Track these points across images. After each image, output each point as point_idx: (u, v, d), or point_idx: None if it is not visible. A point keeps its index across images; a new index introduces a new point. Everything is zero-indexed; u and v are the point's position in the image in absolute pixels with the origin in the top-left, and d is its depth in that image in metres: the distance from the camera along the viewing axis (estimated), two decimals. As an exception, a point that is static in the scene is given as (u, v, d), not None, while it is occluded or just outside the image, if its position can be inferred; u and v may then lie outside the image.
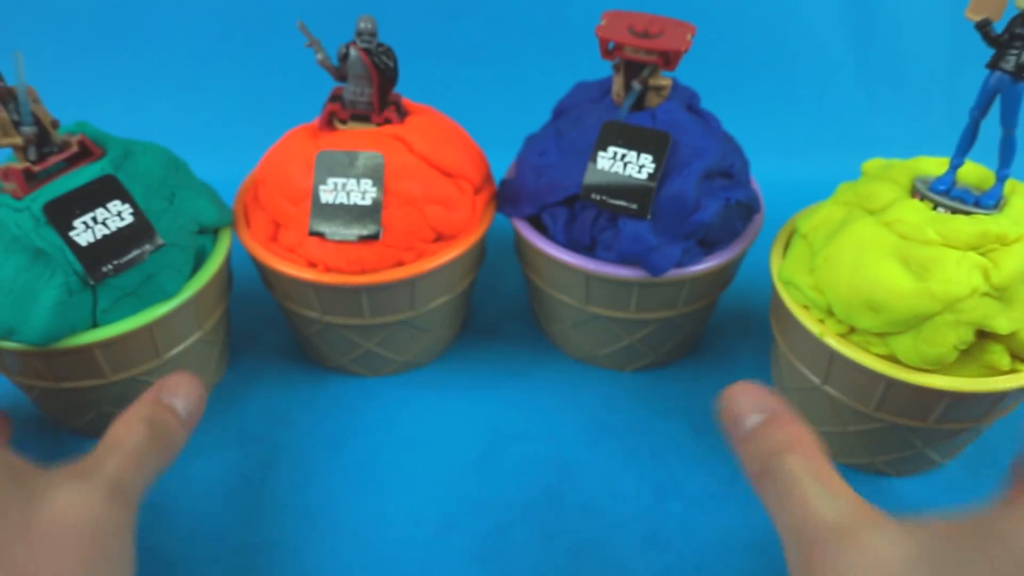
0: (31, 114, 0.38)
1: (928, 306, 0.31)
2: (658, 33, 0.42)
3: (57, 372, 0.40)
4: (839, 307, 0.34)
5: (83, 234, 0.38)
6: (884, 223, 0.34)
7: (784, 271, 0.38)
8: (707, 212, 0.42)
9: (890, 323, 0.32)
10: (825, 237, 0.36)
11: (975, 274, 0.31)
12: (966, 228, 0.32)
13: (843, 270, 0.34)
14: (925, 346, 0.32)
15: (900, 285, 0.32)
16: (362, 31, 0.43)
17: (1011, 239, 0.32)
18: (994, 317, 0.31)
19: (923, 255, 0.32)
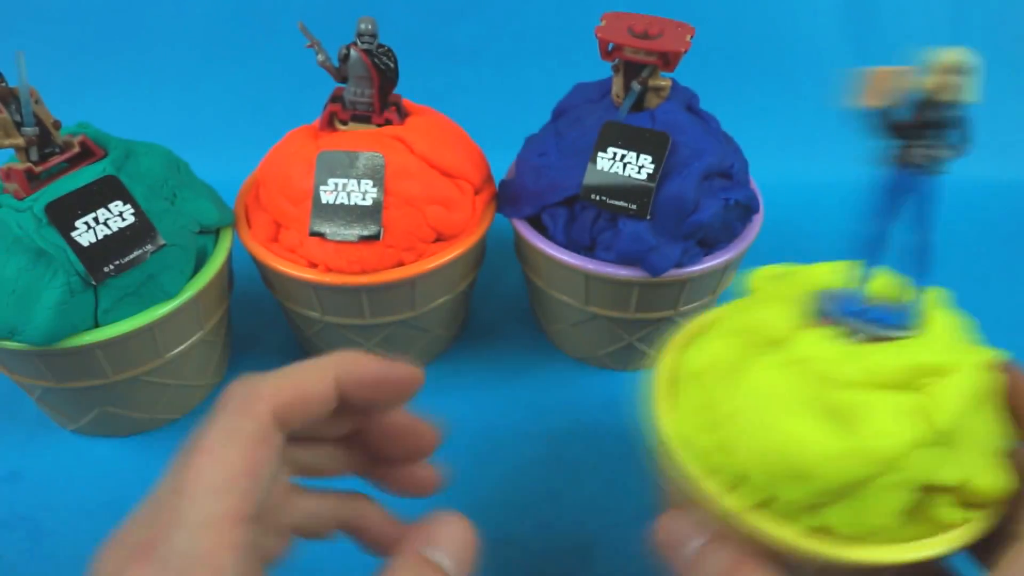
0: (33, 115, 0.38)
1: (862, 469, 0.24)
2: (658, 34, 0.42)
3: (59, 372, 0.40)
4: (757, 475, 0.26)
5: (85, 234, 0.38)
6: (792, 362, 0.27)
7: (679, 428, 0.29)
8: (706, 212, 0.42)
9: (819, 493, 0.25)
10: (722, 381, 0.28)
11: (913, 420, 0.25)
12: (894, 362, 0.25)
13: (751, 428, 0.26)
14: (864, 517, 0.25)
15: (825, 445, 0.24)
16: (363, 32, 0.43)
17: (947, 368, 0.26)
18: (940, 468, 0.25)
19: (846, 402, 0.25)
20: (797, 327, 0.28)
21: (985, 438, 0.27)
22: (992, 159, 0.71)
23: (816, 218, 0.65)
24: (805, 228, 0.64)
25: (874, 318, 0.27)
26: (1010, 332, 0.54)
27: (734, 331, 0.30)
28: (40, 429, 0.46)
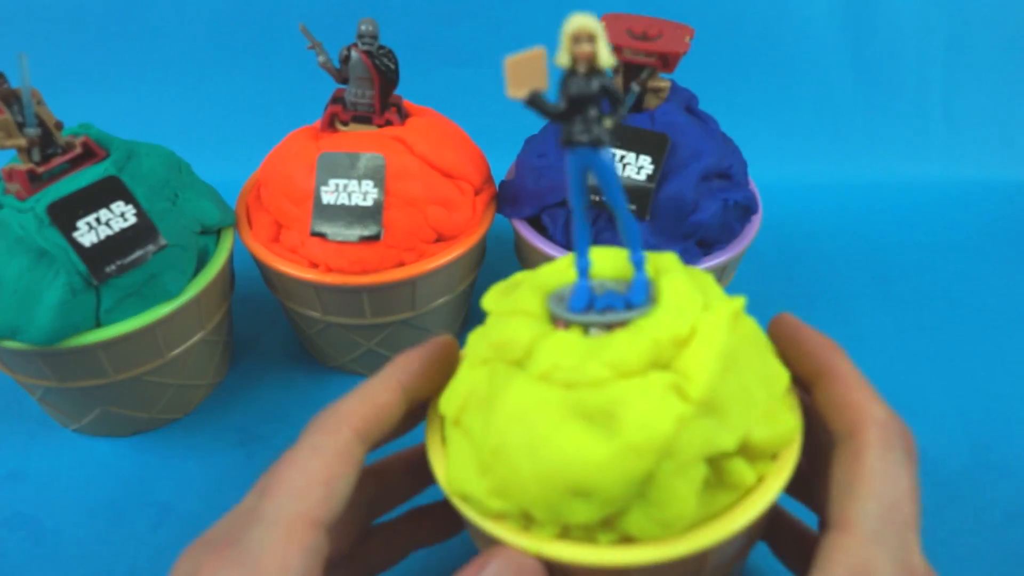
0: (35, 116, 0.38)
1: (640, 465, 0.23)
2: (657, 35, 0.43)
3: (60, 372, 0.40)
4: (537, 507, 0.24)
5: (87, 235, 0.38)
6: (539, 377, 0.25)
7: (452, 482, 0.27)
8: (705, 213, 0.42)
9: (606, 504, 0.23)
10: (480, 416, 0.26)
11: (670, 399, 0.23)
12: (633, 346, 0.24)
13: (520, 458, 0.24)
14: (659, 511, 0.24)
15: (593, 453, 0.23)
16: (363, 33, 0.43)
17: (685, 336, 0.24)
18: (716, 436, 0.24)
19: (600, 401, 0.23)
20: (537, 337, 0.26)
21: (752, 389, 0.25)
22: (992, 159, 0.72)
23: (815, 218, 0.65)
24: (804, 228, 0.64)
25: (602, 307, 0.26)
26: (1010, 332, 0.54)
27: (480, 360, 0.27)
28: (41, 428, 0.47)
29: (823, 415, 0.26)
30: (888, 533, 0.23)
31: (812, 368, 0.27)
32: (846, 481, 0.24)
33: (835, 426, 0.26)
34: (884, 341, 0.53)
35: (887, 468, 0.24)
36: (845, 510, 0.23)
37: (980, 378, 0.50)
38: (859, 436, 0.25)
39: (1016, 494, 0.43)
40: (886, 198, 0.68)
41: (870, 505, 0.23)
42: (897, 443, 0.25)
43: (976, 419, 0.47)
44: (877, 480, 0.23)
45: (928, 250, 0.62)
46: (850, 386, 0.26)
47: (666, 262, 0.28)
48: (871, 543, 0.23)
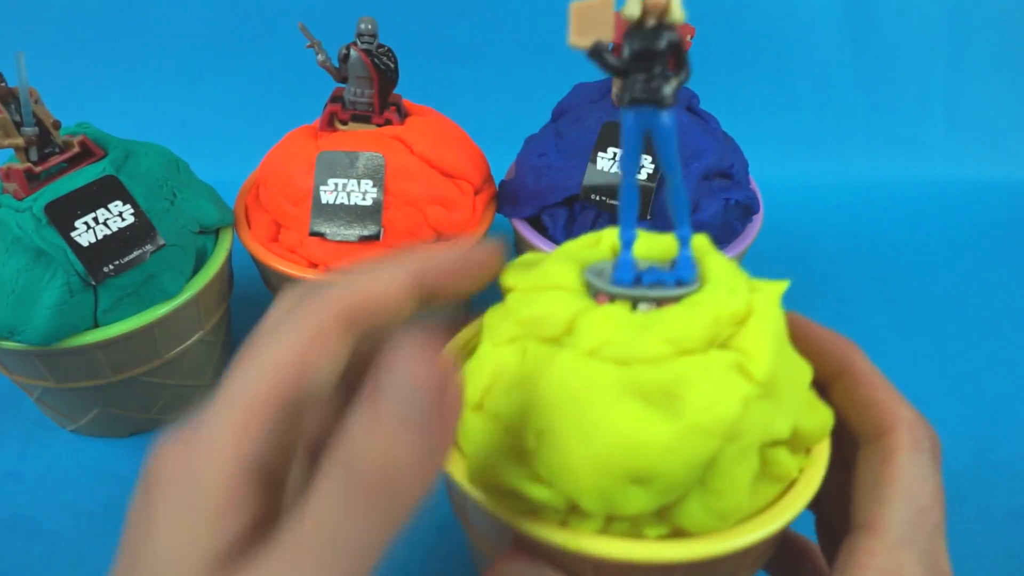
0: (32, 115, 0.38)
1: (706, 447, 0.21)
2: (657, 34, 0.42)
3: (58, 372, 0.40)
4: (588, 497, 0.22)
5: (84, 234, 0.38)
6: (587, 354, 0.22)
7: (481, 476, 0.24)
8: (706, 213, 0.42)
9: (667, 491, 0.22)
10: (514, 399, 0.23)
11: (735, 379, 0.22)
12: (691, 322, 0.23)
13: (570, 442, 0.22)
14: (719, 500, 0.22)
15: (657, 434, 0.21)
16: (363, 32, 0.43)
17: (744, 314, 0.23)
18: (773, 421, 0.23)
19: (661, 379, 0.22)
20: (579, 312, 0.24)
21: (796, 376, 0.25)
22: (993, 158, 0.72)
23: (816, 218, 0.65)
24: (805, 228, 0.64)
25: (651, 282, 0.24)
26: (1012, 332, 0.54)
27: (506, 339, 0.25)
28: (39, 429, 0.46)
29: (845, 414, 0.26)
30: (918, 537, 0.22)
31: (830, 367, 0.26)
32: (874, 483, 0.23)
33: (860, 426, 0.25)
34: (886, 341, 0.53)
35: (917, 471, 0.23)
36: (874, 512, 0.23)
37: (982, 378, 0.50)
38: (888, 437, 0.24)
39: (1019, 494, 0.43)
40: (888, 198, 0.68)
41: (900, 509, 0.23)
42: (926, 445, 0.24)
43: (978, 419, 0.47)
44: (907, 483, 0.23)
45: (930, 249, 0.62)
46: (874, 385, 0.25)
47: (703, 243, 0.26)
48: (901, 547, 0.22)
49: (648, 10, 0.21)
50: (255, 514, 0.18)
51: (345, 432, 0.18)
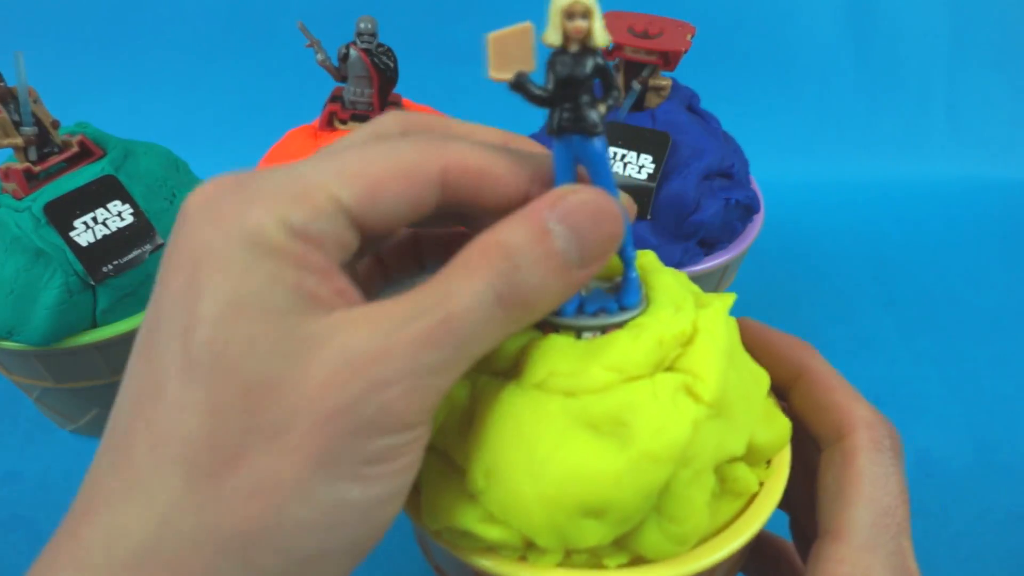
0: (32, 114, 0.38)
1: (658, 474, 0.21)
2: (658, 33, 0.42)
3: (57, 372, 0.40)
4: (542, 534, 0.21)
5: (83, 234, 0.38)
6: (533, 386, 0.22)
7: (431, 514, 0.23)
8: (707, 212, 0.42)
9: (621, 522, 0.21)
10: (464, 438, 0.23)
11: (684, 401, 0.22)
12: (636, 346, 0.22)
13: (520, 479, 0.21)
14: (676, 526, 0.22)
15: (607, 465, 0.21)
16: (362, 31, 0.43)
17: (689, 333, 0.23)
18: (726, 440, 0.22)
19: (609, 408, 0.21)
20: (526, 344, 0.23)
21: (748, 390, 0.24)
22: (995, 158, 0.71)
23: (817, 217, 0.65)
24: (806, 227, 0.64)
25: (594, 310, 0.23)
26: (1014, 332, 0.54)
27: None
28: (38, 430, 0.46)
29: (804, 419, 0.25)
30: (883, 539, 0.22)
31: (786, 371, 0.26)
32: (836, 487, 0.23)
33: (819, 429, 0.25)
34: (887, 341, 0.53)
35: (878, 471, 0.23)
36: (838, 517, 0.23)
37: (984, 378, 0.50)
38: (847, 439, 0.24)
39: (1020, 495, 0.43)
40: (888, 197, 0.68)
41: (863, 511, 0.22)
42: (886, 444, 0.24)
43: (980, 420, 0.47)
44: (868, 484, 0.23)
45: (931, 249, 0.62)
46: (831, 387, 0.25)
47: (649, 260, 0.26)
48: (867, 551, 0.22)
49: (570, 36, 0.20)
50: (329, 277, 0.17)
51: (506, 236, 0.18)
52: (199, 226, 0.17)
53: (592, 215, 0.19)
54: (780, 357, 0.26)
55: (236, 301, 0.16)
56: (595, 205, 0.19)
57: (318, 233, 0.17)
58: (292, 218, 0.17)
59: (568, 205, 0.19)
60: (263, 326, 0.16)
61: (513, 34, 0.20)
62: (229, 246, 0.17)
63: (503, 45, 0.20)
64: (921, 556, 0.23)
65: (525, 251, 0.18)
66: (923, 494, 0.42)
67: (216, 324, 0.16)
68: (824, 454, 0.24)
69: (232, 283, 0.16)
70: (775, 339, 0.27)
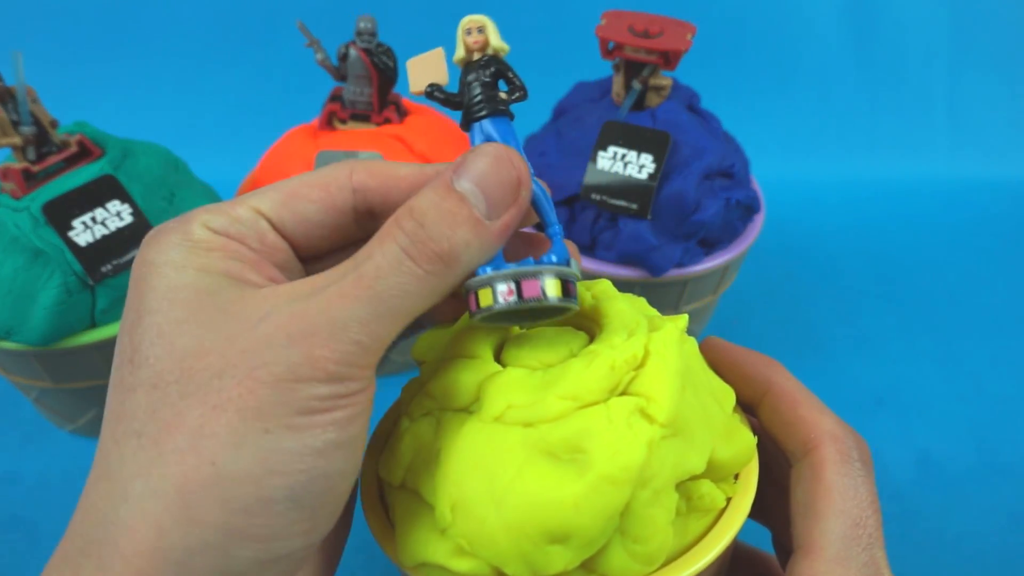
0: (30, 114, 0.38)
1: (617, 496, 0.21)
2: (658, 33, 0.42)
3: (56, 373, 0.40)
4: (510, 563, 0.22)
5: (82, 234, 0.38)
6: (492, 419, 0.23)
7: (406, 551, 0.24)
8: (707, 212, 0.42)
9: (586, 546, 0.22)
10: (431, 475, 0.24)
11: (638, 424, 0.22)
12: (591, 374, 0.23)
13: (484, 510, 0.22)
14: (640, 546, 0.22)
15: (566, 491, 0.21)
16: (362, 31, 0.43)
17: (640, 357, 0.23)
18: (685, 459, 0.23)
19: (564, 435, 0.22)
20: (485, 379, 0.24)
21: (708, 407, 0.24)
22: (996, 157, 0.71)
23: (817, 217, 0.65)
24: (806, 227, 0.64)
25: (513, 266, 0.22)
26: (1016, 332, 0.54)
27: (422, 413, 0.25)
28: (37, 430, 0.46)
29: (773, 434, 0.26)
30: (855, 551, 0.22)
31: (753, 388, 0.26)
32: (807, 502, 0.23)
33: (788, 444, 0.25)
34: (888, 341, 0.53)
35: (847, 483, 0.23)
36: (810, 532, 0.23)
37: (986, 379, 0.50)
38: (814, 453, 0.24)
39: (1022, 495, 0.43)
40: (890, 196, 0.68)
41: (834, 525, 0.22)
42: (853, 455, 0.24)
43: (982, 421, 0.47)
44: (838, 498, 0.23)
45: (933, 249, 0.62)
46: (797, 402, 0.25)
47: (603, 288, 0.26)
48: (839, 564, 0.22)
49: (470, 49, 0.24)
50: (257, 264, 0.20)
51: (415, 201, 0.20)
52: (143, 252, 0.20)
53: (493, 164, 0.21)
54: (746, 375, 0.27)
55: (171, 293, 0.19)
56: (494, 155, 0.21)
57: (239, 233, 0.20)
58: (214, 223, 0.20)
59: (469, 160, 0.20)
60: (195, 307, 0.19)
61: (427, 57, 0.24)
62: (164, 254, 0.19)
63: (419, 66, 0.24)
64: (922, 557, 0.23)
65: (430, 208, 0.19)
66: (924, 494, 0.42)
67: (154, 313, 0.19)
68: (794, 469, 0.25)
69: (167, 280, 0.19)
70: (741, 357, 0.27)
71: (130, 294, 0.20)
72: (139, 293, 0.19)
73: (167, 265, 0.19)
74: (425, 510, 0.24)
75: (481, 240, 0.20)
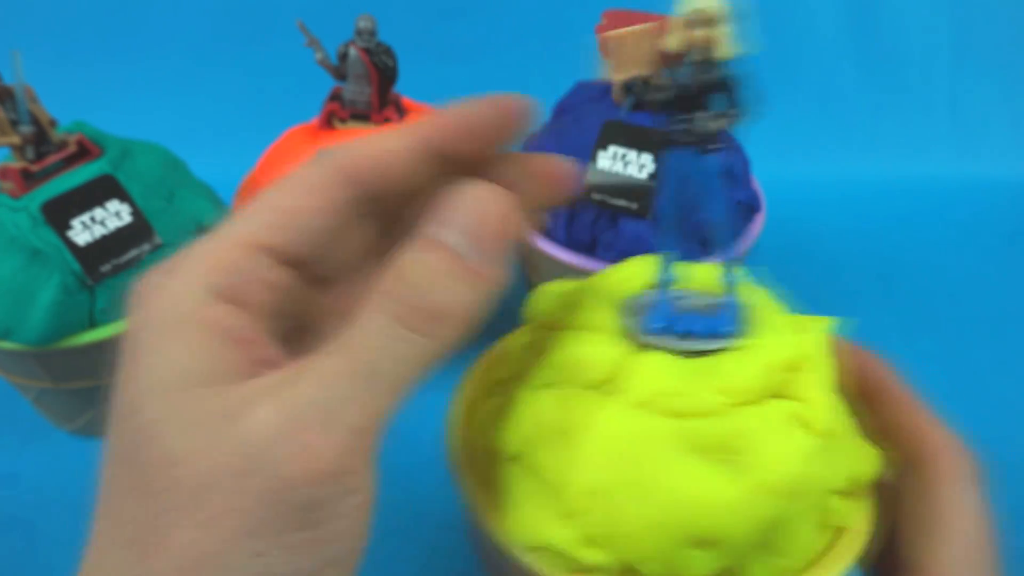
0: (29, 113, 0.38)
1: (773, 506, 0.20)
2: (659, 32, 0.42)
3: (55, 373, 0.40)
4: (647, 561, 0.21)
5: (81, 234, 0.38)
6: (637, 404, 0.21)
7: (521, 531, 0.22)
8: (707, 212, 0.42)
9: (731, 554, 0.20)
10: (556, 452, 0.22)
11: (796, 432, 0.21)
12: (747, 371, 0.21)
13: (625, 501, 0.20)
14: (783, 560, 0.21)
15: (721, 493, 0.20)
16: (362, 30, 0.43)
17: (798, 360, 0.22)
18: (834, 472, 0.22)
19: (720, 433, 0.21)
20: (621, 358, 0.22)
21: (846, 421, 0.24)
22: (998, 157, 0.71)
23: (818, 216, 0.65)
24: (807, 227, 0.64)
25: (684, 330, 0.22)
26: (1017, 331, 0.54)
27: (546, 382, 0.24)
28: (36, 431, 0.46)
29: (880, 437, 0.25)
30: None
31: (865, 387, 0.26)
32: (920, 520, 0.23)
33: (897, 450, 0.24)
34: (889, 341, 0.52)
35: (963, 504, 0.22)
36: (926, 555, 0.22)
37: (987, 378, 0.50)
38: (928, 467, 0.23)
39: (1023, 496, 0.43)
40: (891, 196, 0.68)
41: (954, 550, 0.22)
42: (968, 472, 0.23)
43: (983, 420, 0.47)
44: (957, 520, 0.22)
45: (934, 249, 0.62)
46: (911, 408, 0.25)
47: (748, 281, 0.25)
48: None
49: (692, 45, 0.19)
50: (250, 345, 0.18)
51: (397, 264, 0.18)
52: (132, 314, 0.19)
53: (476, 207, 0.19)
54: (858, 371, 0.26)
55: (155, 381, 0.17)
56: (475, 196, 0.19)
57: (238, 291, 0.18)
58: (209, 282, 0.18)
59: (451, 209, 0.19)
60: (179, 401, 0.17)
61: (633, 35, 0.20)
62: (150, 327, 0.18)
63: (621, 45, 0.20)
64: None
65: (418, 269, 0.18)
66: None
67: (138, 407, 0.17)
68: (904, 479, 0.24)
69: (152, 361, 0.17)
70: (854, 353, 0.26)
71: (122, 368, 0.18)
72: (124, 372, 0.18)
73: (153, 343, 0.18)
74: (545, 489, 0.22)
75: (478, 291, 0.18)
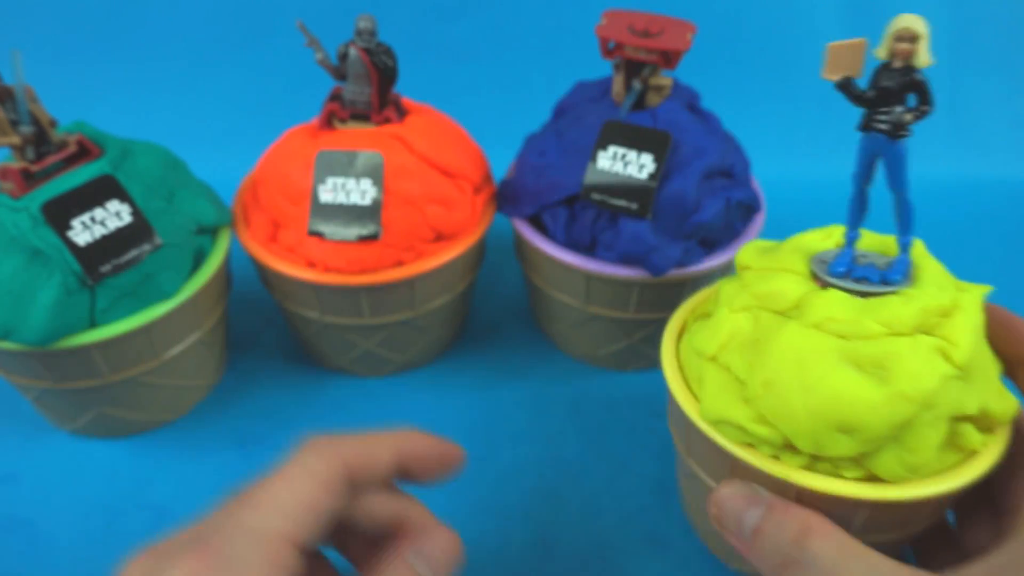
0: (29, 113, 0.38)
1: (906, 411, 0.27)
2: (658, 32, 0.42)
3: (55, 373, 0.40)
4: (802, 438, 0.28)
5: (81, 234, 0.38)
6: (813, 326, 0.28)
7: (710, 409, 0.30)
8: (708, 212, 0.42)
9: (868, 442, 0.27)
10: (745, 356, 0.30)
11: (937, 360, 0.27)
12: (905, 310, 0.28)
13: (792, 393, 0.28)
14: (911, 455, 0.27)
15: (866, 395, 0.27)
16: (362, 30, 0.43)
17: (949, 308, 0.28)
18: (965, 399, 0.28)
19: (874, 352, 0.27)
20: (806, 293, 0.30)
21: (988, 367, 0.30)
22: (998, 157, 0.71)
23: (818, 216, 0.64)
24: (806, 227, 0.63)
25: (861, 275, 0.30)
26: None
27: (742, 307, 0.31)
28: (37, 430, 0.46)
29: None
30: None
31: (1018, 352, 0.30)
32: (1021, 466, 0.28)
33: None
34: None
35: None
36: None
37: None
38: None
39: None
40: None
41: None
42: None
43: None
44: None
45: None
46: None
47: (919, 249, 0.32)
48: None
49: (895, 54, 0.25)
50: None
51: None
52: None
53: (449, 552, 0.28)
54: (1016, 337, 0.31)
55: None
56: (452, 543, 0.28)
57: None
58: None
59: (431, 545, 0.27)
60: None
61: (849, 46, 0.27)
62: None
63: (838, 53, 0.27)
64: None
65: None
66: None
67: None
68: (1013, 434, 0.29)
69: None
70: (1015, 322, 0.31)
71: None
72: None
73: None
74: (733, 383, 0.30)
75: None
